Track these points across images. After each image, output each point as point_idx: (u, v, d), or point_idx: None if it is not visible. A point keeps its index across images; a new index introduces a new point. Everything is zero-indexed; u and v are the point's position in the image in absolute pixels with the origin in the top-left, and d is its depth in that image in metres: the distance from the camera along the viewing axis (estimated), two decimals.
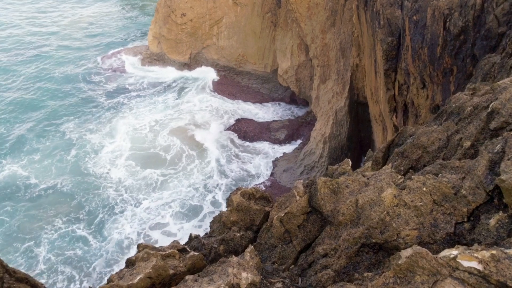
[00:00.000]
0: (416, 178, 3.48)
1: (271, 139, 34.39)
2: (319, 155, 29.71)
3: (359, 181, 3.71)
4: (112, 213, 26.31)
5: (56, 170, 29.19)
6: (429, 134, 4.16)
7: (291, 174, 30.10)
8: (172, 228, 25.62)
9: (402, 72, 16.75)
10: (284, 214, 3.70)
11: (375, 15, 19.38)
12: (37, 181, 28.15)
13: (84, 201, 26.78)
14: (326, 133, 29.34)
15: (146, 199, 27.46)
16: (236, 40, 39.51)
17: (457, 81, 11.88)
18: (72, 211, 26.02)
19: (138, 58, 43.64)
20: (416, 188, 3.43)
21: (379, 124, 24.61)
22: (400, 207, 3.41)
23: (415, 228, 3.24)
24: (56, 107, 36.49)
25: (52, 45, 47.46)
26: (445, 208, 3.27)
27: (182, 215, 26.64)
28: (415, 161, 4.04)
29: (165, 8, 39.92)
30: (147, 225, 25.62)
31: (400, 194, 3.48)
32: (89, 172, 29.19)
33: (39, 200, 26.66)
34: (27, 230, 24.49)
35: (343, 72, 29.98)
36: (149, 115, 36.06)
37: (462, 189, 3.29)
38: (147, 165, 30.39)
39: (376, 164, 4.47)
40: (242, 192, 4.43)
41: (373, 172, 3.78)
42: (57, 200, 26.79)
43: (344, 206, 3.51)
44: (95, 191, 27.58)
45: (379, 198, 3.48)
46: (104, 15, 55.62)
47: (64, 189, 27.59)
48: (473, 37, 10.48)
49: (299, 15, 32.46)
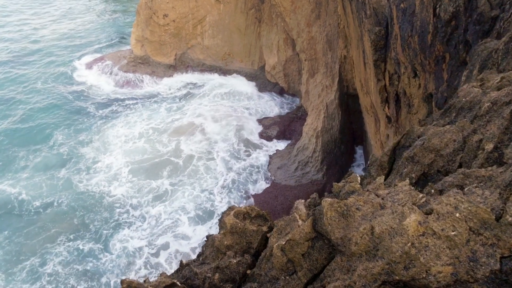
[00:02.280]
0: (445, 200, 2.94)
1: (264, 136, 33.98)
2: (312, 150, 29.39)
3: (372, 203, 3.19)
4: (118, 226, 25.13)
5: (49, 188, 27.83)
6: (441, 135, 3.70)
7: (285, 171, 29.75)
8: (187, 231, 25.00)
9: (392, 62, 16.43)
10: (285, 242, 3.22)
11: (361, 5, 19.02)
12: (32, 199, 26.66)
13: (86, 218, 25.44)
14: (318, 127, 29.02)
15: (152, 209, 26.52)
16: (221, 38, 38.90)
17: (450, 69, 11.56)
18: (74, 228, 24.59)
19: (122, 63, 42.73)
20: (447, 213, 2.88)
21: (370, 115, 24.35)
22: (427, 236, 2.88)
23: (449, 264, 2.73)
24: (42, 120, 35.24)
25: (31, 53, 46.15)
26: (485, 238, 2.74)
27: (195, 219, 25.96)
28: (428, 166, 3.59)
29: (146, 10, 39.09)
30: (156, 234, 24.84)
31: (426, 220, 2.93)
32: (87, 188, 27.94)
33: (38, 220, 25.26)
34: (29, 250, 23.33)
35: (331, 64, 29.64)
36: (143, 122, 35.02)
37: (507, 215, 2.75)
38: (149, 175, 29.33)
39: (381, 169, 4.01)
40: (235, 212, 3.94)
41: (388, 190, 3.31)
42: (57, 218, 25.32)
43: (356, 234, 3.02)
44: (96, 208, 26.34)
45: (400, 226, 2.96)
46: (84, 21, 54.38)
47: (62, 207, 26.31)
48: (465, 22, 10.15)
49: (283, 9, 31.98)
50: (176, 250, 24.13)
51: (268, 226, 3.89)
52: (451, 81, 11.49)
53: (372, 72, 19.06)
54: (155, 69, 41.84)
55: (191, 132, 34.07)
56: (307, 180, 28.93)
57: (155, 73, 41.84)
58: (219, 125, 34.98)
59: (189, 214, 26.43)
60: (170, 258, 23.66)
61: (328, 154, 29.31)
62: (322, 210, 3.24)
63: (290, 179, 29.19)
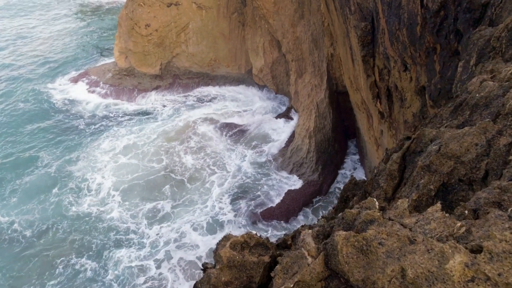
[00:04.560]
0: (498, 236, 2.37)
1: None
2: (306, 150, 29.08)
3: (398, 235, 2.63)
4: (117, 246, 24.24)
5: (41, 213, 26.80)
6: (460, 138, 3.24)
7: (282, 173, 29.36)
8: (195, 240, 24.42)
9: (380, 57, 16.19)
10: (293, 284, 2.77)
11: (345, 2, 18.80)
12: (24, 229, 25.55)
13: (82, 241, 24.32)
14: (311, 128, 28.73)
15: (150, 227, 25.66)
16: (206, 44, 38.49)
17: (442, 60, 11.31)
18: (71, 253, 23.62)
19: (107, 77, 41.99)
20: (502, 252, 2.29)
21: (362, 111, 24.13)
22: (479, 283, 2.27)
23: None
24: (27, 139, 34.17)
25: (12, 70, 44.96)
26: None
27: (201, 231, 25.34)
28: (447, 175, 3.14)
29: (128, 21, 38.50)
30: (157, 248, 24.15)
31: (475, 261, 2.34)
32: (79, 212, 26.89)
33: (32, 248, 24.14)
34: (27, 280, 22.34)
35: (318, 63, 29.43)
36: (132, 136, 34.15)
37: None
38: (144, 192, 28.46)
39: (391, 179, 3.58)
40: (232, 242, 3.43)
41: (416, 218, 2.74)
42: (53, 245, 24.21)
43: (383, 277, 2.47)
44: (91, 231, 25.31)
45: (441, 270, 2.37)
46: (63, 36, 53.27)
47: (58, 234, 25.17)
48: (454, 11, 9.90)
49: (266, 11, 31.72)
50: (180, 258, 23.57)
51: (270, 256, 3.39)
52: (444, 72, 11.23)
53: (361, 68, 18.83)
54: (141, 80, 41.21)
55: (185, 139, 33.50)
56: (303, 181, 28.59)
57: (141, 84, 41.21)
58: (213, 131, 34.49)
59: (186, 227, 25.87)
60: (173, 267, 23.07)
61: (323, 153, 29.02)
62: (336, 245, 2.73)
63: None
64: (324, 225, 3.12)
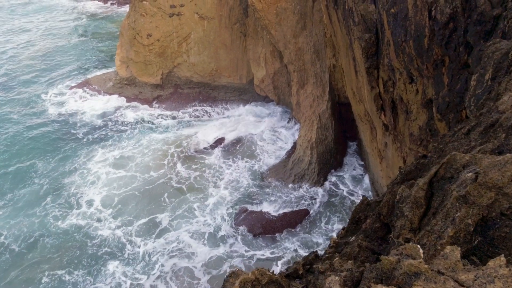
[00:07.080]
0: None
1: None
2: (308, 162, 28.71)
3: None
4: (110, 257, 23.80)
5: (31, 225, 26.03)
6: (501, 166, 2.84)
7: (283, 185, 28.94)
8: (193, 250, 23.89)
9: (385, 69, 15.94)
10: None
11: (348, 13, 18.65)
12: (12, 242, 24.87)
13: (73, 255, 23.81)
14: (312, 139, 28.41)
15: (148, 242, 25.12)
16: (207, 54, 38.42)
17: (450, 72, 11.03)
18: (61, 267, 23.21)
19: (108, 86, 41.84)
20: None
21: (365, 123, 23.83)
22: None
23: None
24: (24, 149, 33.59)
25: (10, 79, 44.70)
26: None
27: (199, 242, 24.82)
28: (487, 208, 2.77)
29: (130, 31, 38.51)
30: (153, 264, 23.56)
31: None
32: (70, 224, 26.32)
33: (21, 261, 23.59)
34: None
35: (320, 74, 29.26)
36: (131, 147, 33.76)
37: None
38: (140, 203, 27.95)
39: (417, 207, 3.19)
40: (242, 281, 2.97)
41: (474, 273, 2.23)
42: (42, 259, 23.58)
43: None
44: (82, 246, 24.56)
45: None
46: (63, 46, 53.26)
47: (47, 246, 24.60)
48: (464, 23, 9.66)
49: (268, 22, 31.69)
50: (173, 268, 23.02)
51: None
52: (452, 85, 10.95)
53: (364, 80, 18.58)
54: (142, 89, 41.05)
55: (183, 150, 33.16)
56: (304, 192, 28.16)
57: (142, 94, 41.04)
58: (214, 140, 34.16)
59: (183, 237, 25.35)
60: (167, 279, 22.52)
61: (324, 165, 28.67)
62: None
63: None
64: (352, 269, 2.70)
